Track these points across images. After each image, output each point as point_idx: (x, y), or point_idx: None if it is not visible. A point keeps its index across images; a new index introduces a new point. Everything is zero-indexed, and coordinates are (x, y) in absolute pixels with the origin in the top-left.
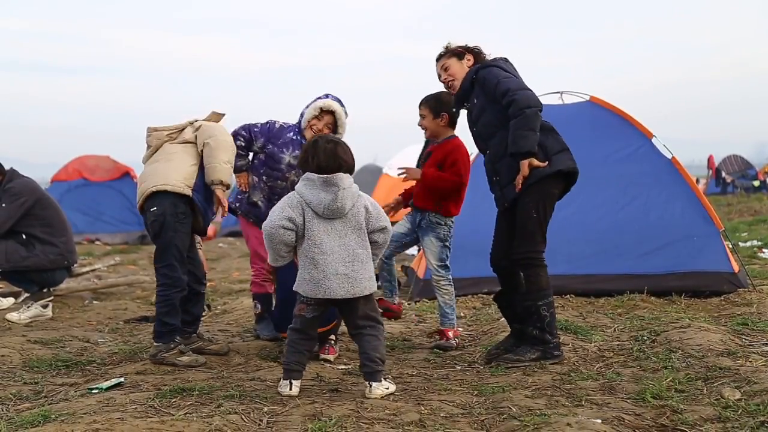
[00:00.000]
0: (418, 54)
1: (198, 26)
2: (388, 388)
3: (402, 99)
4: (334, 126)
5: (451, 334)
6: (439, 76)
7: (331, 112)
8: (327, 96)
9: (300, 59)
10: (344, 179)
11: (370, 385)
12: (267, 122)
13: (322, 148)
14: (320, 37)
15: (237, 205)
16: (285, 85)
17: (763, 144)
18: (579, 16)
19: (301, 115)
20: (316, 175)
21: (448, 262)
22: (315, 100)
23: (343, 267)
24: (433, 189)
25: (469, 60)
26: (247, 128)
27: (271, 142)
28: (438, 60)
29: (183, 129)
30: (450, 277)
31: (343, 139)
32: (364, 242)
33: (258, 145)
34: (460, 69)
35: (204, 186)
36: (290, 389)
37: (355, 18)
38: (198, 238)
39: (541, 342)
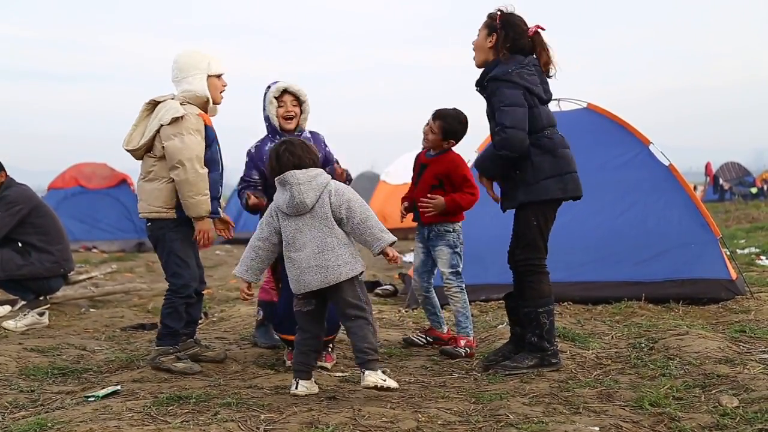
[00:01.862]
0: (416, 62)
1: (197, 33)
2: (385, 380)
3: (400, 107)
4: (297, 100)
5: (463, 342)
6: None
7: (284, 91)
8: (269, 87)
9: (298, 66)
10: (296, 175)
11: (363, 373)
12: (247, 154)
13: (273, 154)
14: (318, 44)
15: None
16: None
17: (760, 151)
18: (577, 23)
19: (265, 119)
20: (275, 178)
21: (460, 269)
22: (264, 97)
23: (314, 259)
24: (455, 210)
25: (491, 41)
26: (245, 172)
27: (263, 166)
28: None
29: (154, 138)
30: (462, 284)
31: (297, 137)
32: (333, 230)
33: (255, 177)
34: (482, 44)
35: None
36: (296, 388)
37: (353, 25)
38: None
39: (538, 349)
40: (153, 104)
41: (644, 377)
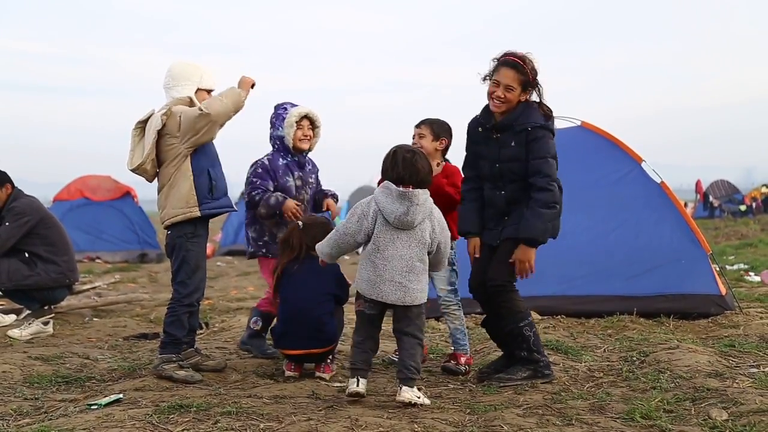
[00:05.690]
0: (416, 78)
1: (204, 49)
2: (419, 397)
3: (398, 122)
4: (312, 123)
5: (463, 360)
6: (497, 83)
7: (304, 116)
8: (285, 108)
9: (294, 83)
10: (419, 195)
11: (401, 388)
12: (258, 167)
13: (401, 158)
14: (314, 61)
15: (263, 250)
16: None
17: (749, 169)
18: (571, 43)
19: (276, 138)
20: (395, 186)
21: (457, 286)
22: (281, 119)
23: (399, 276)
24: (440, 194)
25: (525, 97)
26: (260, 181)
27: (276, 179)
28: (510, 66)
29: (156, 148)
30: (459, 301)
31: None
32: (423, 256)
33: (270, 187)
34: (514, 99)
35: (209, 177)
36: (357, 385)
37: (350, 42)
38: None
39: (531, 362)
40: (142, 126)
41: (635, 390)
